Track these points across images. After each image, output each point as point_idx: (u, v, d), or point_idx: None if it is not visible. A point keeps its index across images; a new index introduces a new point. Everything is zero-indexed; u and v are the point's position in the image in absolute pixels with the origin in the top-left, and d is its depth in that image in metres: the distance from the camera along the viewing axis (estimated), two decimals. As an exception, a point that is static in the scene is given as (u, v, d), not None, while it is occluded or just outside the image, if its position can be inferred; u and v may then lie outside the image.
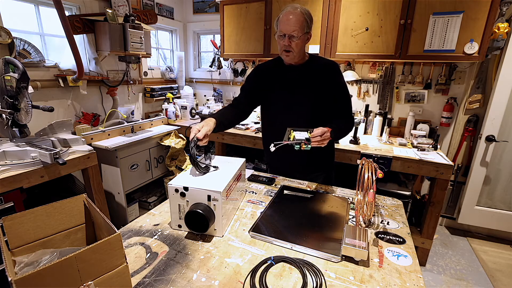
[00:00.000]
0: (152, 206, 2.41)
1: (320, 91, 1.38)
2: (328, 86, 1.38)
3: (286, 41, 1.29)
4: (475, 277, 2.09)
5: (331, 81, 1.38)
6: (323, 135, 1.15)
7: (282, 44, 1.32)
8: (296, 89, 1.41)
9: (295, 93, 1.41)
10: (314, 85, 1.38)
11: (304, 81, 1.40)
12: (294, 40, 1.28)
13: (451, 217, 2.70)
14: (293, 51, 1.32)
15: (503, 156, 2.37)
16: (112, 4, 2.40)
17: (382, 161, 2.03)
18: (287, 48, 1.31)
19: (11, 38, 1.82)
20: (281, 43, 1.32)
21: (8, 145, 1.62)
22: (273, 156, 1.57)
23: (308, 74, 1.40)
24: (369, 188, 1.02)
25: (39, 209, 0.76)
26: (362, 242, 0.85)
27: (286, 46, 1.31)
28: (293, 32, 1.27)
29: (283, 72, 1.44)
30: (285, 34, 1.28)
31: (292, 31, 1.26)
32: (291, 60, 1.37)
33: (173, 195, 0.97)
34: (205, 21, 3.37)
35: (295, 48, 1.31)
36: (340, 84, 1.41)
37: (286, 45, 1.30)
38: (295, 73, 1.41)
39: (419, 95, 2.50)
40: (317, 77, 1.39)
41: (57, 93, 2.22)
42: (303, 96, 1.40)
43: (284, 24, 1.28)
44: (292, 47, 1.30)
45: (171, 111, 2.98)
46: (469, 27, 1.94)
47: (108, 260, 0.63)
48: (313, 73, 1.39)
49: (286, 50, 1.33)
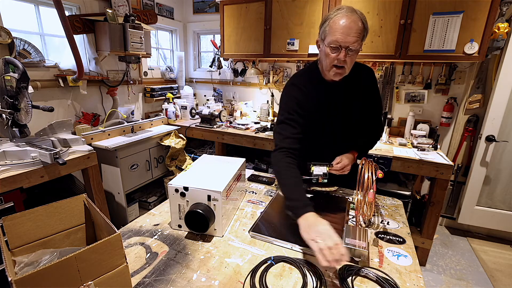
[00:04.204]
0: (152, 206, 2.41)
1: (364, 108, 1.23)
2: (369, 98, 1.23)
3: (343, 55, 1.02)
4: (475, 277, 2.09)
5: (371, 92, 1.23)
6: (343, 169, 1.18)
7: (334, 58, 1.04)
8: (342, 111, 1.22)
9: (339, 117, 1.23)
10: (359, 104, 1.22)
11: (350, 100, 1.21)
12: (351, 54, 1.03)
13: (451, 217, 2.70)
14: (346, 67, 1.06)
15: (503, 156, 2.37)
16: (112, 4, 2.40)
17: (382, 161, 2.03)
18: (341, 63, 1.04)
19: (11, 38, 1.82)
20: (333, 57, 1.04)
21: (8, 145, 1.62)
22: None
23: (354, 90, 1.20)
24: (369, 188, 1.02)
25: (39, 209, 0.76)
26: (362, 242, 0.85)
27: (341, 62, 1.03)
28: (353, 44, 1.00)
29: (326, 90, 1.19)
30: (342, 47, 1.01)
31: (352, 42, 1.00)
32: (341, 77, 1.11)
33: (173, 195, 0.97)
34: (205, 21, 3.37)
35: (350, 64, 1.06)
36: (377, 93, 1.27)
37: (342, 60, 1.03)
38: (341, 91, 1.19)
39: (419, 95, 2.50)
40: (361, 92, 1.21)
41: (57, 93, 2.22)
42: (347, 118, 1.23)
43: (342, 33, 1.00)
44: (346, 62, 1.04)
45: (171, 111, 2.98)
46: (469, 27, 1.94)
47: (108, 260, 0.63)
48: (357, 88, 1.20)
49: (339, 66, 1.06)
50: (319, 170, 1.18)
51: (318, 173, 1.17)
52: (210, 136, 2.78)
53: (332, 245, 0.73)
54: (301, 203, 0.91)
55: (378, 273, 0.79)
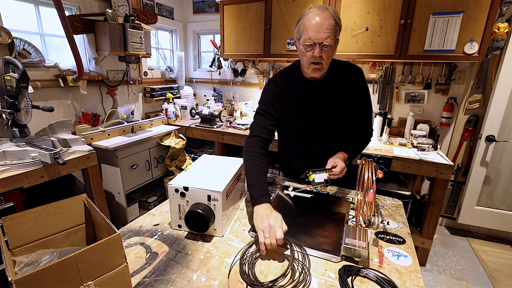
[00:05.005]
0: (152, 206, 2.41)
1: (346, 106, 1.24)
2: (354, 98, 1.24)
3: (317, 51, 1.06)
4: (475, 277, 2.09)
5: (357, 92, 1.24)
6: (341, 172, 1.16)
7: (310, 56, 1.09)
8: (321, 109, 1.25)
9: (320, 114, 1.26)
10: (340, 101, 1.24)
11: (329, 98, 1.23)
12: (326, 49, 1.07)
13: (451, 217, 2.70)
14: (324, 63, 1.11)
15: (503, 156, 2.37)
16: (112, 4, 2.40)
17: (382, 161, 2.03)
18: (317, 60, 1.09)
19: (11, 38, 1.82)
20: (309, 54, 1.09)
21: (8, 145, 1.62)
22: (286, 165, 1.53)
23: (334, 88, 1.22)
24: (369, 188, 1.02)
25: (39, 209, 0.76)
26: (362, 242, 0.85)
27: (317, 58, 1.08)
28: (326, 40, 1.05)
29: (305, 88, 1.24)
30: (315, 43, 1.06)
31: (324, 38, 1.04)
32: (320, 74, 1.16)
33: (173, 195, 0.97)
34: (205, 21, 3.37)
35: (326, 59, 1.10)
36: (366, 94, 1.27)
37: (317, 56, 1.08)
38: (320, 89, 1.22)
39: (419, 95, 2.50)
40: (343, 90, 1.22)
41: (57, 93, 2.22)
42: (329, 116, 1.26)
43: (314, 30, 1.05)
44: (323, 58, 1.09)
45: (171, 111, 2.98)
46: (469, 27, 1.94)
47: (108, 260, 0.63)
48: (338, 86, 1.22)
49: (316, 62, 1.11)
50: (320, 177, 1.13)
51: (319, 181, 1.12)
52: (210, 136, 2.78)
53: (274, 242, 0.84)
54: (260, 192, 0.99)
55: (378, 273, 0.79)
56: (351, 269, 0.80)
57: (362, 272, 0.80)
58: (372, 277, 0.78)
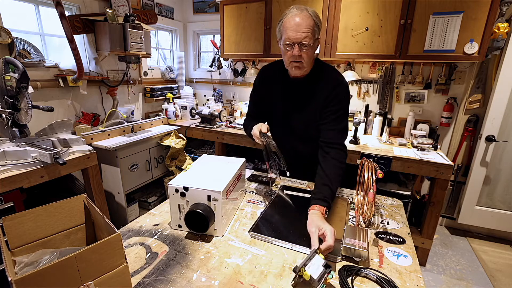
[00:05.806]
0: (152, 206, 2.41)
1: (315, 110, 1.24)
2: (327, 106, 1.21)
3: (296, 50, 1.09)
4: (475, 277, 2.09)
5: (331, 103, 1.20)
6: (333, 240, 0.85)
7: (290, 55, 1.12)
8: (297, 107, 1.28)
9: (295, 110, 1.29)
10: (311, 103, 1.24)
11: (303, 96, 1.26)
12: (305, 49, 1.10)
13: (451, 217, 2.70)
14: (304, 62, 1.13)
15: (503, 156, 2.37)
16: (112, 4, 2.40)
17: (382, 161, 2.03)
18: (297, 59, 1.12)
19: (11, 38, 1.82)
20: (289, 54, 1.12)
21: (8, 145, 1.62)
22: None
23: (311, 89, 1.24)
24: (369, 188, 1.02)
25: (39, 209, 0.76)
26: (362, 242, 0.85)
27: (296, 57, 1.11)
28: (304, 39, 1.07)
29: (286, 84, 1.29)
30: (294, 43, 1.09)
31: (302, 38, 1.07)
32: (301, 73, 1.19)
33: (173, 195, 0.97)
34: (205, 21, 3.37)
35: (306, 58, 1.12)
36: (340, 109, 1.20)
37: (296, 55, 1.10)
38: (299, 88, 1.25)
39: (419, 95, 2.50)
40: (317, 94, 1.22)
41: (57, 93, 2.22)
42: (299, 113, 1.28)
43: (292, 30, 1.08)
44: (303, 57, 1.11)
45: (171, 111, 2.98)
46: (469, 27, 1.94)
47: (108, 260, 0.63)
48: (316, 88, 1.23)
49: (296, 61, 1.14)
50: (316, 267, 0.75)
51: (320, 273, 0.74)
52: (210, 136, 2.78)
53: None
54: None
55: (378, 273, 0.79)
56: (351, 269, 0.80)
57: (362, 272, 0.80)
58: (372, 277, 0.78)
